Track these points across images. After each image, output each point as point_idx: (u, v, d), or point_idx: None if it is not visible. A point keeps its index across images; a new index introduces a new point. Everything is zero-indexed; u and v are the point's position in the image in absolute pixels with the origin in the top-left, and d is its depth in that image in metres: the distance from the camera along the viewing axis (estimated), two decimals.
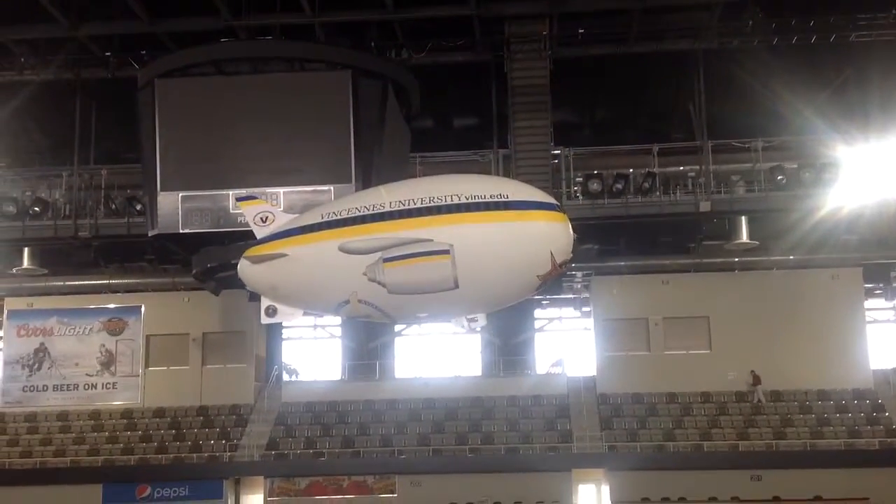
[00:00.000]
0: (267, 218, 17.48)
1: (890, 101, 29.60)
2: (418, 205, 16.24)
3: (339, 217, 16.73)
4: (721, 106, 31.89)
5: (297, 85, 26.43)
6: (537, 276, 16.43)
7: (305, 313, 18.48)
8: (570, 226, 16.90)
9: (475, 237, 16.01)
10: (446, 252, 15.76)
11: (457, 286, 15.88)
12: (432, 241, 15.87)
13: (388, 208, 16.39)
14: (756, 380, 33.60)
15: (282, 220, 17.52)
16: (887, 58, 30.11)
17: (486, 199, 16.29)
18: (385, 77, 26.79)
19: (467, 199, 16.29)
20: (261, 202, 18.12)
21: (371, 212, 16.52)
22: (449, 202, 16.24)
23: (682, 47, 31.13)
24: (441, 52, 31.55)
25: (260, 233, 17.55)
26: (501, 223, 16.16)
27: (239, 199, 19.01)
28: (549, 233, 16.49)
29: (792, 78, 30.09)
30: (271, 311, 17.76)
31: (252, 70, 26.72)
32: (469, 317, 17.44)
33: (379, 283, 16.14)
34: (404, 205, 16.30)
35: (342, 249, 16.28)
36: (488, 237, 16.04)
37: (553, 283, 18.05)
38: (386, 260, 16.03)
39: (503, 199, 16.34)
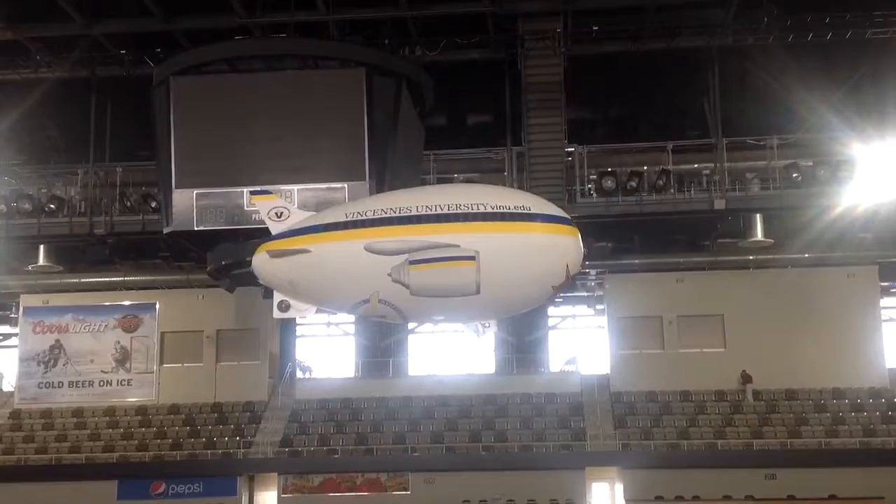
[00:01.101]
0: (281, 213, 17.65)
1: None
2: (445, 210, 16.54)
3: (364, 217, 16.92)
4: (736, 103, 31.78)
5: (311, 82, 26.48)
6: (552, 287, 16.92)
7: (318, 310, 18.60)
8: (580, 240, 17.23)
9: (500, 246, 16.34)
10: (472, 258, 16.07)
11: (478, 292, 16.21)
12: (459, 246, 16.14)
13: (414, 212, 16.65)
14: (746, 378, 33.50)
15: (298, 217, 17.69)
16: None
17: (511, 210, 16.66)
18: (399, 75, 26.81)
19: (492, 208, 16.64)
20: (274, 197, 18.21)
21: (398, 214, 16.75)
22: (475, 210, 16.54)
23: (696, 44, 31.04)
24: (455, 49, 31.54)
25: (275, 228, 17.70)
26: (525, 234, 16.58)
27: (253, 194, 19.05)
28: (567, 246, 16.94)
29: (807, 75, 29.97)
30: (284, 306, 17.94)
31: (266, 68, 26.79)
32: (482, 322, 17.80)
33: (403, 284, 16.38)
34: (431, 210, 16.60)
35: (368, 249, 16.47)
36: (512, 247, 16.41)
37: (560, 292, 18.43)
38: (412, 262, 16.27)
39: (526, 212, 16.72)
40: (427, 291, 16.44)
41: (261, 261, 17.97)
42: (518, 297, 17.44)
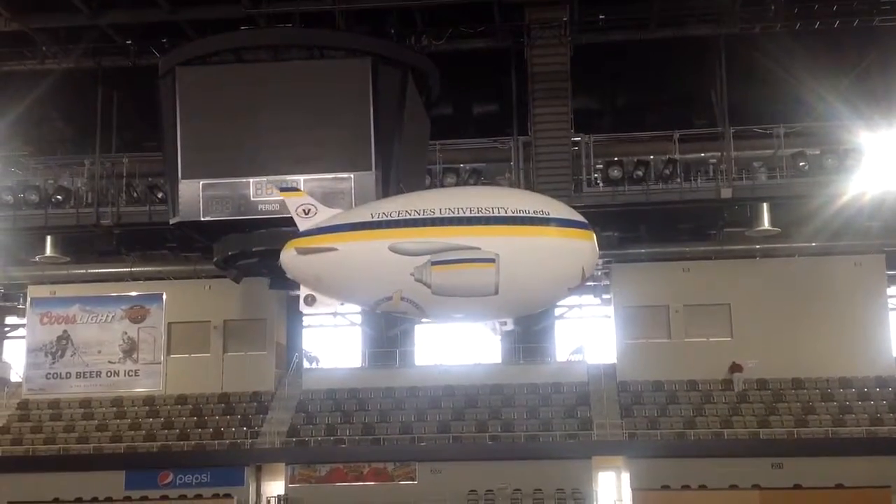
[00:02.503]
0: (309, 210, 18.07)
1: None
2: (467, 214, 17.09)
3: (389, 218, 17.49)
4: (743, 92, 31.67)
5: (317, 72, 26.44)
6: (568, 289, 17.60)
7: (342, 304, 19.29)
8: (596, 243, 17.57)
9: (518, 249, 16.90)
10: (492, 261, 16.63)
11: (497, 292, 16.72)
12: (480, 249, 16.67)
13: (437, 214, 17.21)
14: (735, 367, 33.49)
15: (325, 214, 18.11)
16: None
17: (531, 214, 17.20)
18: (405, 64, 26.75)
19: (513, 212, 17.22)
20: (302, 194, 18.64)
21: (421, 216, 17.30)
22: (497, 214, 17.11)
23: (703, 33, 30.92)
24: (461, 38, 31.47)
25: (302, 225, 18.12)
26: (544, 238, 17.16)
27: (282, 189, 19.34)
28: (583, 250, 17.46)
29: (814, 63, 29.82)
30: (310, 300, 18.35)
31: (272, 58, 26.75)
32: (500, 321, 18.44)
33: (425, 283, 16.93)
34: (454, 212, 17.15)
35: (392, 249, 17.04)
36: (530, 250, 16.98)
37: (574, 293, 18.94)
38: (434, 263, 16.83)
39: (545, 216, 17.24)
40: (447, 291, 16.96)
41: (289, 256, 18.36)
42: (534, 298, 18.06)
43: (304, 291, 18.40)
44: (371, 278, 17.56)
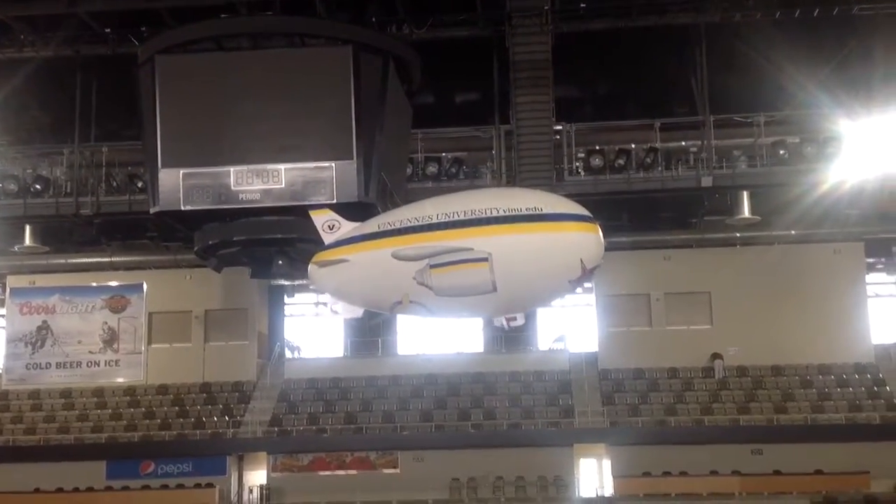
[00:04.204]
0: (333, 226, 19.47)
1: (893, 75, 29.48)
2: (461, 217, 18.00)
3: (392, 227, 18.64)
4: (723, 80, 31.73)
5: (297, 61, 26.27)
6: (568, 281, 18.02)
7: (365, 311, 20.24)
8: (600, 234, 17.90)
9: (511, 246, 17.56)
10: (485, 260, 17.42)
11: (495, 290, 17.44)
12: (473, 249, 17.50)
13: (434, 220, 18.21)
14: (716, 356, 33.72)
15: (346, 228, 19.37)
16: (890, 31, 29.91)
17: (522, 212, 17.89)
18: (386, 52, 26.61)
19: (504, 211, 17.94)
20: (327, 212, 19.90)
21: (420, 223, 18.40)
22: (488, 215, 17.89)
23: (684, 21, 30.91)
24: (443, 27, 31.36)
25: (327, 239, 19.44)
26: (535, 234, 17.72)
27: (311, 209, 20.46)
28: (580, 242, 17.94)
29: (794, 52, 29.91)
30: (336, 309, 19.91)
31: (252, 46, 26.54)
32: (508, 316, 19.06)
33: (427, 286, 17.88)
34: (449, 217, 18.11)
35: (395, 256, 18.16)
36: (523, 246, 17.56)
37: (582, 284, 19.57)
38: (432, 266, 17.73)
39: (538, 212, 17.91)
40: (448, 291, 17.83)
41: (312, 270, 19.70)
42: (534, 293, 18.73)
43: (330, 301, 20.09)
44: (380, 285, 18.69)
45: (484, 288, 17.53)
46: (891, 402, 32.37)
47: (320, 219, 19.67)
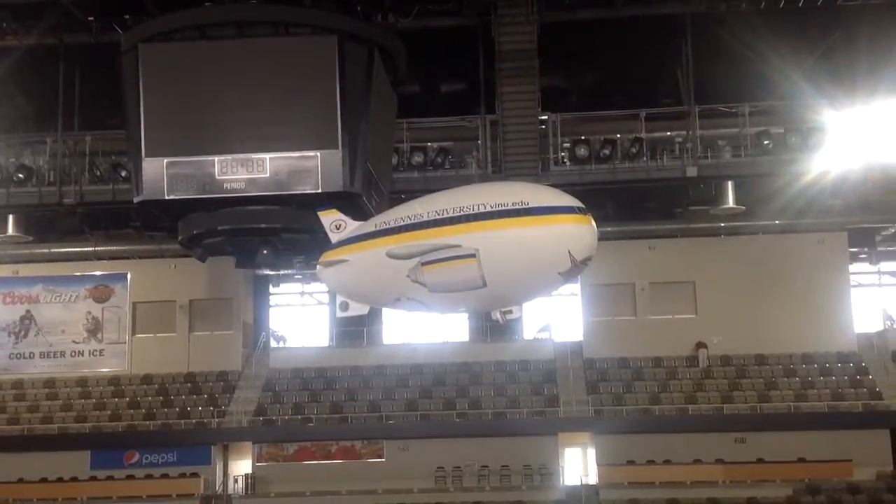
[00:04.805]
0: (340, 226, 19.76)
1: (877, 66, 29.55)
2: (451, 214, 18.22)
3: (387, 226, 18.88)
4: (708, 71, 31.73)
5: (282, 50, 26.12)
6: (558, 273, 17.97)
7: (371, 308, 20.79)
8: (592, 226, 18.02)
9: (498, 241, 17.68)
10: (472, 256, 17.60)
11: (485, 285, 17.60)
12: (460, 246, 17.70)
13: (425, 218, 18.46)
14: (700, 345, 33.88)
15: (351, 227, 19.66)
16: (875, 21, 29.98)
17: (508, 207, 17.90)
18: (372, 42, 26.50)
19: (491, 207, 18.00)
20: (335, 212, 20.06)
21: (412, 221, 18.64)
22: (475, 211, 18.02)
23: (670, 11, 30.89)
24: (428, 16, 31.20)
25: (333, 239, 19.70)
26: (520, 228, 17.73)
27: (319, 210, 20.49)
28: (567, 234, 17.89)
29: (779, 42, 29.93)
30: (345, 306, 20.15)
31: (237, 35, 26.37)
32: (503, 309, 19.17)
33: (420, 283, 18.11)
34: (439, 214, 18.37)
35: (389, 255, 18.46)
36: (509, 241, 17.64)
37: (576, 275, 19.45)
38: (424, 263, 17.94)
39: (524, 206, 17.90)
40: (441, 288, 18.04)
41: (319, 270, 20.19)
42: (525, 287, 18.74)
43: (338, 298, 20.44)
44: (378, 283, 19.06)
45: (474, 284, 17.66)
46: (873, 391, 32.62)
47: (328, 219, 19.95)
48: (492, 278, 17.55)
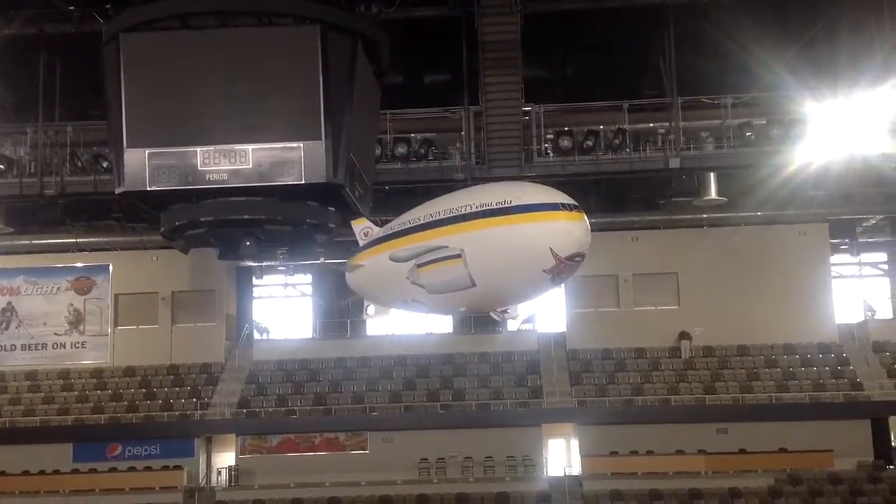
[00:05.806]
0: (367, 233, 20.88)
1: (858, 57, 29.65)
2: (441, 216, 18.77)
3: (393, 231, 19.68)
4: (691, 62, 31.80)
5: (265, 40, 25.95)
6: (543, 271, 18.08)
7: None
8: (580, 223, 17.82)
9: (481, 241, 18.07)
10: (458, 256, 18.05)
11: (474, 284, 17.95)
12: (447, 247, 18.19)
13: (421, 221, 19.14)
14: (684, 335, 34.04)
15: (375, 233, 20.66)
16: (856, 12, 30.08)
17: (492, 207, 18.29)
18: (355, 32, 26.38)
19: (476, 207, 18.45)
20: (364, 220, 21.05)
21: (410, 225, 19.38)
22: (463, 212, 18.48)
23: (653, 2, 30.92)
24: (412, 6, 31.10)
25: (361, 245, 20.80)
26: (500, 227, 18.10)
27: (351, 220, 21.38)
28: (547, 231, 18.05)
29: (761, 33, 30.00)
30: (372, 309, 22.15)
31: (219, 25, 26.20)
32: (500, 309, 19.87)
33: (418, 284, 18.68)
34: (432, 217, 19.02)
35: (391, 258, 19.28)
36: (490, 240, 18.05)
37: (569, 275, 19.66)
38: (419, 265, 18.55)
39: (505, 205, 18.25)
40: (436, 288, 18.48)
41: (347, 277, 21.30)
42: (512, 286, 18.96)
43: (366, 302, 22.10)
44: (386, 285, 19.78)
45: (463, 283, 18.04)
46: (854, 382, 32.84)
47: (358, 227, 21.06)
48: (479, 277, 17.77)
